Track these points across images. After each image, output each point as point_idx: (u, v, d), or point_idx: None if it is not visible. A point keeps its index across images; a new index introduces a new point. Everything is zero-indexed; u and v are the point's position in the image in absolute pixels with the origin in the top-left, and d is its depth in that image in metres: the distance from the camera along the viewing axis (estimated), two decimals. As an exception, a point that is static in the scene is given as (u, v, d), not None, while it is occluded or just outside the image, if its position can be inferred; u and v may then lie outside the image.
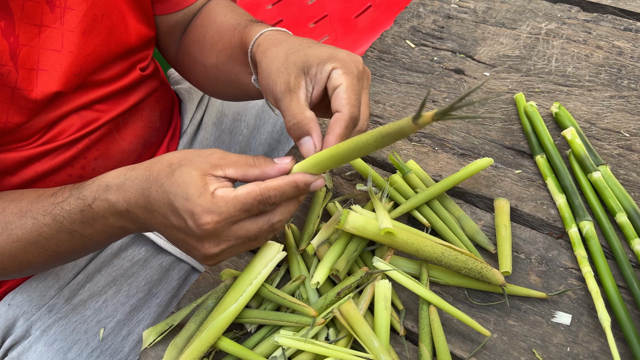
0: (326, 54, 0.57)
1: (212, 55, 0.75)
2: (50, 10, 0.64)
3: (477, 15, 0.97)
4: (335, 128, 0.54)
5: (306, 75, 0.57)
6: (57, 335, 0.74)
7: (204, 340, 0.55)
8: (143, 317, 0.78)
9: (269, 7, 1.67)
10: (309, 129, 0.55)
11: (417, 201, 0.67)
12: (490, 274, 0.58)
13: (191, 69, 0.82)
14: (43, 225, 0.59)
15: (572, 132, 0.71)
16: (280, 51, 0.59)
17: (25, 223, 0.60)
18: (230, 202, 0.49)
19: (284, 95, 0.56)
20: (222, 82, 0.76)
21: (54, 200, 0.59)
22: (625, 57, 0.86)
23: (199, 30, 0.78)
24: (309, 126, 0.55)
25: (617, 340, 0.57)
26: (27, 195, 0.62)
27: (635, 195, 0.69)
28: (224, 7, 0.79)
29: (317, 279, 0.59)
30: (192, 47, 0.79)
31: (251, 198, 0.49)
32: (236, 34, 0.70)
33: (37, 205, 0.60)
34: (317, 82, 0.57)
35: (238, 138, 0.99)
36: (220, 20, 0.75)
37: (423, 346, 0.57)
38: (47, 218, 0.58)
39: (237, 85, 0.74)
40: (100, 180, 0.56)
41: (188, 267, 0.83)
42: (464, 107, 0.47)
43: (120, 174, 0.55)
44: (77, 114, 0.72)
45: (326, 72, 0.56)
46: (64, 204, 0.57)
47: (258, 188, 0.50)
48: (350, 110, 0.54)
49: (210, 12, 0.79)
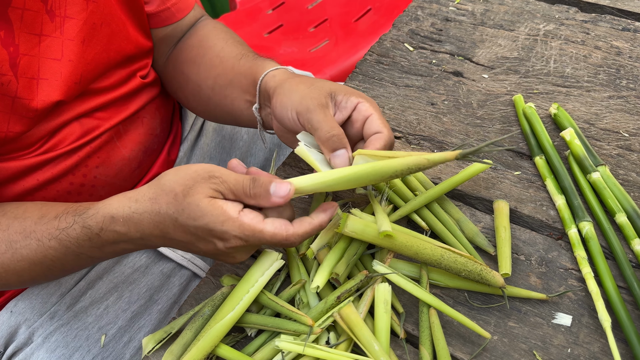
0: (350, 89, 0.63)
1: (209, 77, 0.77)
2: (50, 20, 0.65)
3: (475, 18, 0.97)
4: (376, 143, 0.59)
5: (333, 99, 0.62)
6: (58, 342, 0.75)
7: (200, 349, 0.56)
8: (144, 324, 0.78)
9: (269, 11, 1.67)
10: (345, 143, 0.59)
11: (417, 204, 0.67)
12: (490, 276, 0.58)
13: (182, 86, 0.83)
14: (49, 248, 0.60)
15: (571, 133, 0.71)
16: (303, 81, 0.64)
17: (30, 244, 0.60)
18: (257, 234, 0.53)
19: (317, 109, 0.60)
20: (214, 105, 0.79)
21: (58, 225, 0.59)
22: (624, 57, 0.86)
23: (196, 51, 0.80)
24: (345, 140, 0.60)
25: (618, 341, 0.56)
26: (31, 214, 0.62)
27: (634, 195, 0.69)
28: (224, 32, 0.82)
29: (317, 283, 0.59)
30: (185, 65, 0.81)
31: (275, 239, 0.54)
32: (243, 62, 0.73)
33: (41, 227, 0.60)
34: (342, 110, 0.62)
35: (239, 143, 0.99)
36: (221, 46, 0.78)
37: (423, 349, 0.57)
38: (52, 242, 0.59)
39: (229, 110, 0.77)
40: (103, 210, 0.57)
41: (189, 273, 0.83)
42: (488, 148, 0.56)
43: (123, 206, 0.56)
44: (78, 122, 0.72)
45: (352, 103, 0.62)
46: (69, 231, 0.58)
47: (285, 233, 0.54)
48: (390, 132, 0.60)
49: (209, 35, 0.81)
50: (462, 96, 0.84)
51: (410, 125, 0.81)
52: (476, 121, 0.80)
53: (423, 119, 0.82)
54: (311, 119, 0.60)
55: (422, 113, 0.83)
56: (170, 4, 0.81)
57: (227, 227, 0.52)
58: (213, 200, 0.53)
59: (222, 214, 0.52)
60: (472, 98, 0.84)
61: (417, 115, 0.83)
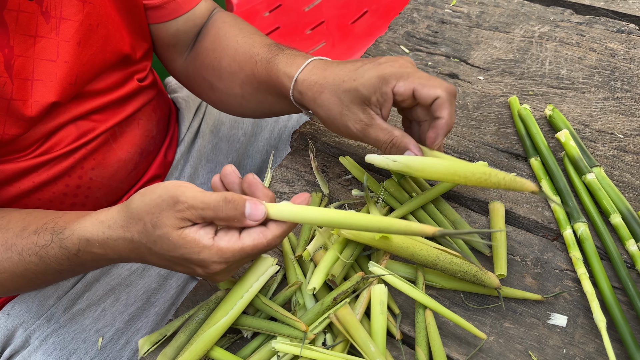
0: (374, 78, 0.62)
1: (234, 85, 0.77)
2: (45, 21, 0.65)
3: (470, 20, 0.98)
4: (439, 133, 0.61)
5: (369, 105, 0.63)
6: (56, 344, 0.75)
7: (193, 352, 0.56)
8: (141, 326, 0.78)
9: (266, 14, 1.68)
10: (405, 145, 0.62)
11: (413, 205, 0.67)
12: (485, 277, 0.58)
13: (208, 92, 0.82)
14: (29, 262, 0.59)
15: (565, 135, 0.72)
16: (331, 97, 0.64)
17: (11, 257, 0.60)
18: (238, 253, 0.51)
19: (365, 133, 0.63)
20: (251, 109, 0.79)
21: (37, 242, 0.58)
22: (619, 58, 0.87)
23: (212, 55, 0.79)
24: (404, 142, 0.62)
25: (613, 341, 0.57)
26: (14, 225, 0.62)
27: (629, 196, 0.69)
28: (231, 26, 0.79)
29: (313, 285, 0.59)
30: (206, 71, 0.80)
31: (257, 250, 0.52)
32: (259, 68, 0.72)
33: (21, 241, 0.60)
34: (383, 104, 0.62)
35: (235, 145, 1.00)
36: (234, 47, 0.77)
37: (420, 350, 0.57)
38: (33, 257, 0.59)
39: (271, 110, 0.77)
40: (78, 232, 0.55)
41: (186, 276, 0.83)
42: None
43: (97, 230, 0.54)
44: (74, 124, 0.72)
45: (388, 93, 0.61)
46: (48, 249, 0.58)
47: (265, 240, 0.52)
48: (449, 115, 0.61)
49: (219, 35, 0.79)
50: (458, 98, 0.85)
51: (406, 127, 0.81)
52: (472, 123, 0.81)
53: (419, 121, 0.82)
54: (369, 142, 0.64)
55: (418, 115, 0.83)
56: None
57: (204, 256, 0.50)
58: (182, 231, 0.50)
59: (195, 245, 0.50)
60: (467, 100, 0.84)
61: (413, 117, 0.83)
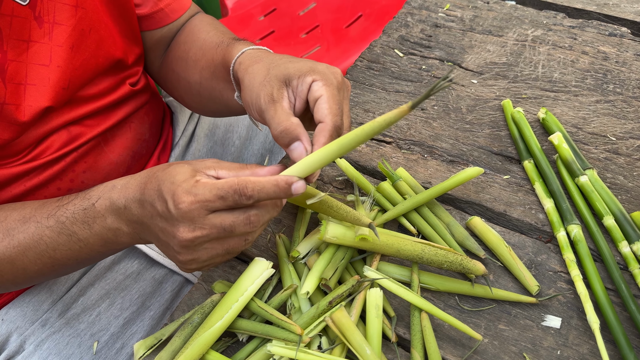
0: (306, 67, 0.58)
1: (195, 72, 0.76)
2: (38, 26, 0.65)
3: (464, 24, 0.98)
4: (320, 138, 0.55)
5: (288, 87, 0.58)
6: (50, 349, 0.74)
7: (188, 357, 0.56)
8: (137, 330, 0.78)
9: (260, 18, 1.68)
10: (297, 134, 0.55)
11: (405, 208, 0.68)
12: (471, 265, 0.60)
13: (175, 84, 0.83)
14: (45, 227, 0.61)
15: (559, 137, 0.72)
16: (262, 67, 0.61)
17: (28, 228, 0.62)
18: (208, 187, 0.50)
19: (268, 106, 0.57)
20: (206, 99, 0.78)
21: (59, 203, 0.62)
22: (611, 62, 0.87)
23: (183, 47, 0.80)
24: (297, 131, 0.55)
25: (606, 342, 0.57)
26: (31, 204, 0.65)
27: (621, 198, 0.69)
28: (207, 24, 0.80)
29: (307, 289, 0.59)
30: (175, 63, 0.81)
31: (228, 186, 0.50)
32: (219, 51, 0.71)
33: (41, 211, 0.62)
34: (299, 94, 0.58)
35: (230, 149, 1.00)
36: (203, 38, 0.77)
37: (415, 352, 0.57)
38: (50, 220, 0.61)
39: (220, 102, 0.75)
40: (109, 182, 0.60)
41: (181, 279, 0.83)
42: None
43: (128, 177, 0.59)
44: (66, 129, 0.72)
45: (307, 84, 0.57)
46: (68, 205, 0.61)
47: (237, 179, 0.51)
48: (333, 119, 0.55)
49: (194, 30, 0.80)
50: (451, 101, 0.85)
51: (401, 130, 0.82)
52: (465, 126, 0.81)
53: (413, 124, 0.82)
54: (265, 118, 0.58)
55: (412, 118, 0.83)
56: (163, 4, 0.80)
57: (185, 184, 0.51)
58: (195, 171, 0.53)
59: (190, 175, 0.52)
60: (461, 103, 0.85)
61: (407, 120, 0.83)
